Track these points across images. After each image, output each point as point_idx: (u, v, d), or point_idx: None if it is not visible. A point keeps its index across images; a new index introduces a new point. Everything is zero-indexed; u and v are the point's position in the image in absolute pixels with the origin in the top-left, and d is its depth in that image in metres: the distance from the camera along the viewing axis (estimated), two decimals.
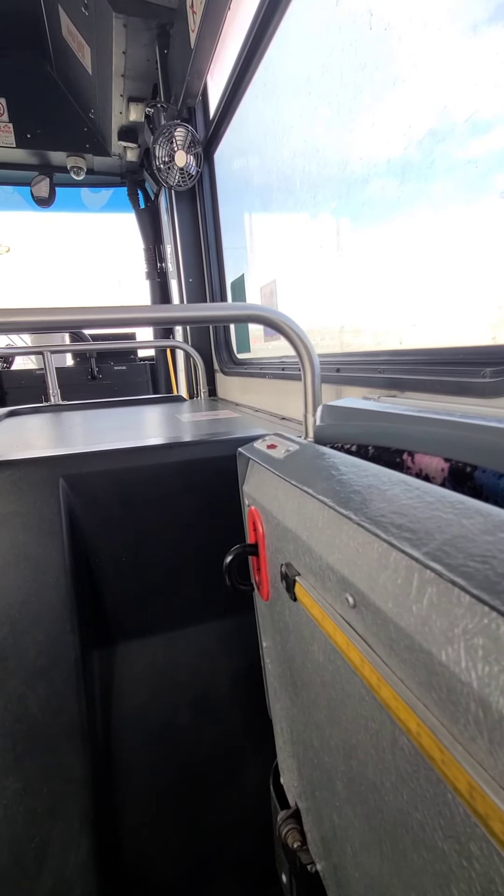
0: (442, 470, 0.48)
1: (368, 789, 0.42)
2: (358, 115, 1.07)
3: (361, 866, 0.48)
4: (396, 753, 0.36)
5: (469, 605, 0.28)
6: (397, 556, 0.35)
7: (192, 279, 2.15)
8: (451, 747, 0.28)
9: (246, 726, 0.98)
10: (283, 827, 0.74)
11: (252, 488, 0.70)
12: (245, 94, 1.59)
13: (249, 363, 1.90)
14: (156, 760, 0.93)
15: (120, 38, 1.80)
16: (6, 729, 0.78)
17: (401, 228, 1.00)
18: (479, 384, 0.67)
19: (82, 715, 0.83)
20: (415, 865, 0.36)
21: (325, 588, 0.46)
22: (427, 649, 0.30)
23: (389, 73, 0.95)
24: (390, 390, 0.89)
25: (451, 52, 0.81)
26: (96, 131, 2.69)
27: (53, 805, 0.79)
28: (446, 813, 0.31)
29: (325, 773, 0.55)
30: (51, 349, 2.18)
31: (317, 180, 1.32)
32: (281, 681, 0.70)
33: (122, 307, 0.86)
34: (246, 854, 0.95)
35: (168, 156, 1.85)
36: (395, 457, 0.56)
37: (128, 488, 0.91)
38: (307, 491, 0.49)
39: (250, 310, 0.92)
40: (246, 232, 1.99)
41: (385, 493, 0.41)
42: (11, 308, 0.77)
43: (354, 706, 0.42)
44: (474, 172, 0.81)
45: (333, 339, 1.40)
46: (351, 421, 0.69)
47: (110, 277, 8.62)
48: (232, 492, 0.84)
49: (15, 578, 0.82)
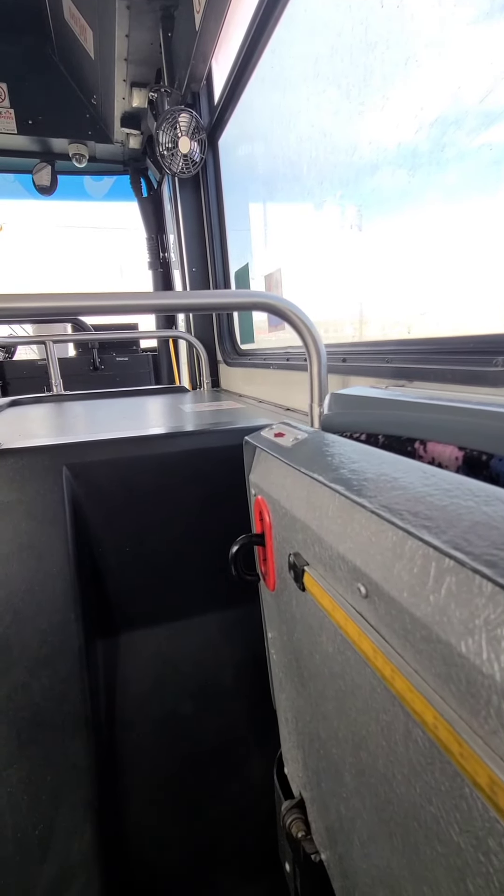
0: (456, 459, 0.47)
1: (378, 781, 0.42)
2: (367, 97, 1.05)
3: (369, 857, 0.47)
4: (410, 746, 0.35)
5: (492, 595, 0.27)
6: (414, 544, 0.34)
7: (196, 268, 2.13)
8: (471, 741, 0.27)
9: (249, 716, 0.98)
10: (288, 816, 0.74)
11: (259, 477, 0.69)
12: (251, 77, 1.55)
13: (253, 354, 1.89)
14: (159, 749, 0.93)
15: (123, 21, 1.76)
16: (10, 717, 0.78)
17: (410, 215, 0.98)
18: (492, 373, 0.66)
19: (86, 704, 0.82)
20: (427, 859, 0.36)
21: (336, 578, 0.45)
22: (445, 640, 0.29)
23: (401, 53, 0.92)
24: (398, 380, 0.87)
25: (466, 31, 0.78)
26: (98, 117, 2.64)
27: (57, 793, 0.79)
28: (463, 807, 0.30)
29: (332, 763, 0.54)
30: (53, 339, 2.17)
31: (324, 166, 1.29)
32: (286, 671, 0.70)
33: (126, 293, 0.85)
34: (249, 843, 0.96)
35: (171, 142, 1.82)
36: (407, 445, 0.55)
37: (131, 477, 0.90)
38: (318, 479, 0.48)
39: (255, 297, 0.91)
40: (250, 220, 1.96)
41: (400, 480, 0.40)
42: (12, 294, 0.76)
43: (365, 697, 0.42)
44: (488, 157, 0.79)
45: (339, 332, 1.38)
46: (360, 409, 0.68)
47: (112, 267, 8.55)
48: (237, 482, 0.83)
49: (18, 567, 0.81)
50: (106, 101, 2.40)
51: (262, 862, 0.94)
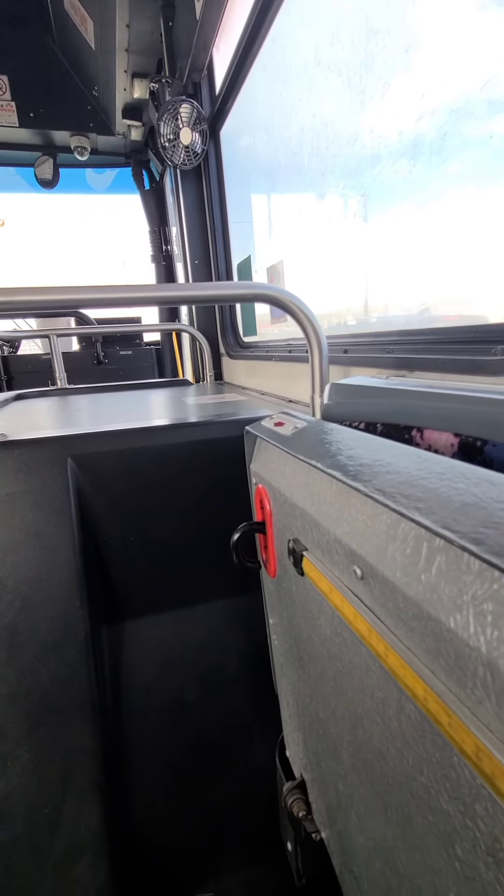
0: (452, 445, 0.48)
1: (374, 756, 0.43)
2: (369, 85, 1.04)
3: (366, 831, 0.49)
4: (402, 720, 0.36)
5: (479, 572, 0.28)
6: (406, 525, 0.35)
7: (198, 261, 2.13)
8: (459, 711, 0.29)
9: (252, 702, 1.00)
10: (289, 797, 0.76)
11: (259, 466, 0.71)
12: (252, 67, 1.55)
13: (255, 346, 1.89)
14: (164, 733, 0.95)
15: (123, 11, 1.75)
16: (19, 701, 0.80)
17: (412, 205, 0.98)
18: (491, 362, 0.67)
19: (92, 688, 0.84)
20: (419, 828, 0.37)
21: (333, 562, 0.46)
22: (435, 617, 0.31)
23: (402, 40, 0.91)
24: (399, 370, 0.88)
25: (468, 19, 0.78)
26: (100, 109, 2.63)
27: (65, 774, 0.82)
28: (452, 775, 0.31)
29: (331, 743, 0.56)
30: (57, 332, 2.18)
31: (325, 156, 1.28)
32: (287, 656, 0.72)
33: (128, 286, 0.85)
34: (252, 824, 0.98)
35: (173, 133, 1.81)
36: (404, 433, 0.56)
37: (135, 468, 0.92)
38: (315, 465, 0.49)
39: (257, 289, 0.91)
40: (253, 212, 1.95)
41: (394, 465, 0.41)
42: (15, 287, 0.77)
43: (361, 676, 0.43)
44: (491, 147, 0.79)
45: (341, 323, 1.38)
46: (359, 398, 0.69)
47: (115, 260, 8.54)
48: (239, 472, 0.84)
49: (26, 556, 0.83)
50: (107, 92, 2.39)
51: (265, 842, 0.97)
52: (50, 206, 7.46)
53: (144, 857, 0.92)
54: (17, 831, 0.79)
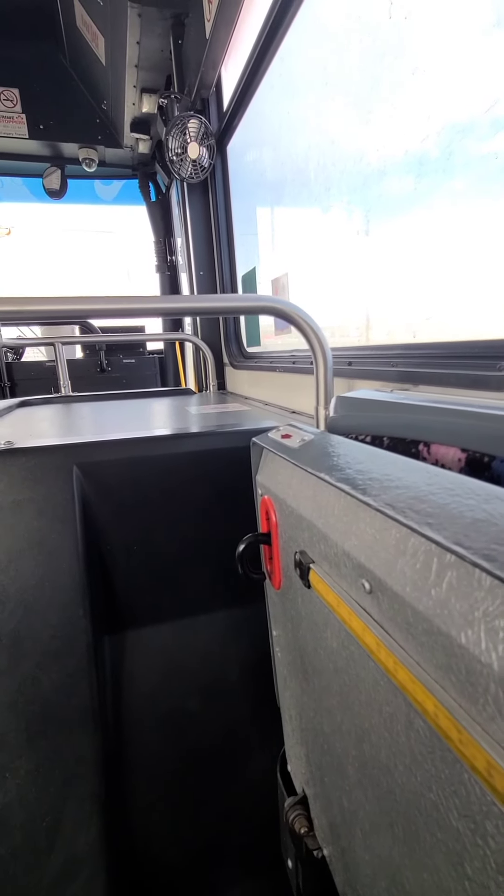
0: (459, 460, 0.49)
1: (381, 772, 0.43)
2: (374, 105, 1.06)
3: (371, 848, 0.49)
4: (411, 735, 0.36)
5: (490, 588, 0.29)
6: (417, 540, 0.35)
7: (203, 272, 2.15)
8: (470, 727, 0.29)
9: (254, 714, 0.99)
10: (290, 813, 0.75)
11: (265, 478, 0.71)
12: (260, 85, 1.58)
13: (259, 357, 1.90)
14: (165, 745, 0.94)
15: (134, 29, 1.80)
16: (20, 710, 0.80)
17: (416, 222, 1.00)
18: (495, 378, 0.67)
19: (93, 698, 0.84)
20: (427, 845, 0.37)
21: (341, 575, 0.46)
22: (446, 632, 0.31)
23: (408, 63, 0.94)
24: (403, 384, 0.89)
25: (472, 43, 0.80)
26: (109, 123, 2.68)
27: (65, 785, 0.81)
28: (462, 792, 0.31)
29: (335, 758, 0.56)
30: (62, 340, 2.20)
31: (331, 173, 1.31)
32: (290, 668, 0.71)
33: (135, 297, 0.87)
34: (253, 839, 0.97)
35: (181, 147, 1.84)
36: (411, 447, 0.56)
37: (140, 477, 0.92)
38: (324, 478, 0.50)
39: (263, 301, 0.93)
40: (258, 225, 1.98)
41: (403, 479, 0.41)
42: (22, 297, 0.78)
43: (368, 690, 0.43)
44: (494, 166, 0.81)
45: (345, 336, 1.40)
46: (365, 412, 0.69)
47: (120, 270, 8.61)
48: (243, 482, 0.84)
49: (30, 563, 0.83)
50: (116, 106, 2.43)
51: (265, 858, 0.95)
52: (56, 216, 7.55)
53: (143, 872, 0.91)
54: (14, 844, 0.78)
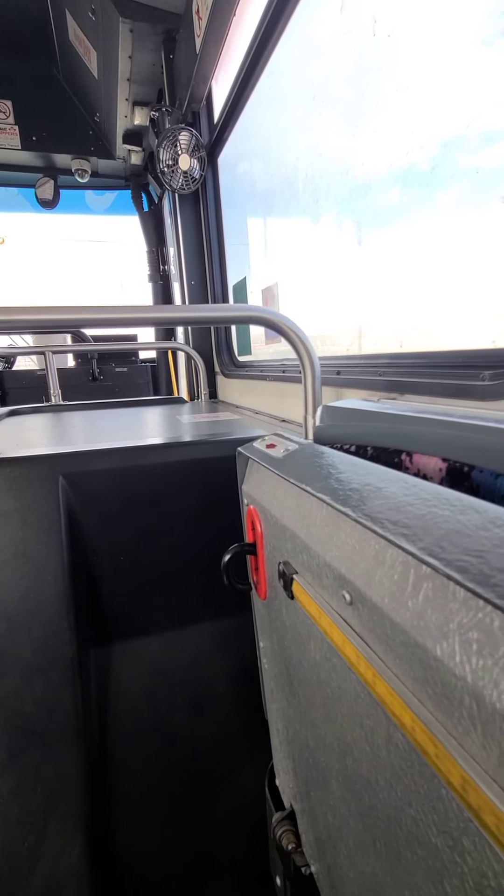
0: (440, 470, 0.49)
1: (363, 787, 0.42)
2: (360, 119, 1.08)
3: (355, 866, 0.48)
4: (391, 750, 0.36)
5: (464, 600, 0.28)
6: (394, 552, 0.35)
7: (195, 281, 2.16)
8: (445, 741, 0.28)
9: (242, 727, 0.98)
10: (278, 829, 0.74)
11: (251, 487, 0.71)
12: (249, 98, 1.60)
13: (250, 365, 1.91)
14: (151, 760, 0.92)
15: (126, 43, 1.82)
16: (1, 726, 0.78)
17: (402, 233, 1.01)
18: (479, 387, 0.68)
19: (78, 713, 0.82)
20: (408, 863, 0.36)
21: (323, 585, 0.46)
22: (422, 644, 0.31)
23: (392, 79, 0.96)
24: (390, 393, 0.89)
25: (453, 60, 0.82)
26: (101, 134, 2.71)
27: (48, 804, 0.79)
28: (440, 808, 0.31)
29: (321, 772, 0.55)
30: (53, 349, 2.19)
31: (319, 185, 1.33)
32: (277, 681, 0.70)
33: (125, 307, 0.87)
34: (240, 856, 0.95)
35: (172, 159, 1.86)
36: (394, 457, 0.56)
37: (127, 487, 0.91)
38: (305, 489, 0.50)
39: (251, 311, 0.93)
40: (249, 235, 2.00)
41: (382, 490, 0.41)
42: (13, 306, 0.78)
43: (350, 703, 0.42)
44: (476, 179, 0.82)
45: (335, 346, 1.41)
46: (350, 421, 0.70)
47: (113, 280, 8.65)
48: (231, 492, 0.84)
49: (13, 575, 0.82)
50: (108, 118, 2.46)
51: (254, 875, 0.93)
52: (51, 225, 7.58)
53: (128, 891, 0.89)
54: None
